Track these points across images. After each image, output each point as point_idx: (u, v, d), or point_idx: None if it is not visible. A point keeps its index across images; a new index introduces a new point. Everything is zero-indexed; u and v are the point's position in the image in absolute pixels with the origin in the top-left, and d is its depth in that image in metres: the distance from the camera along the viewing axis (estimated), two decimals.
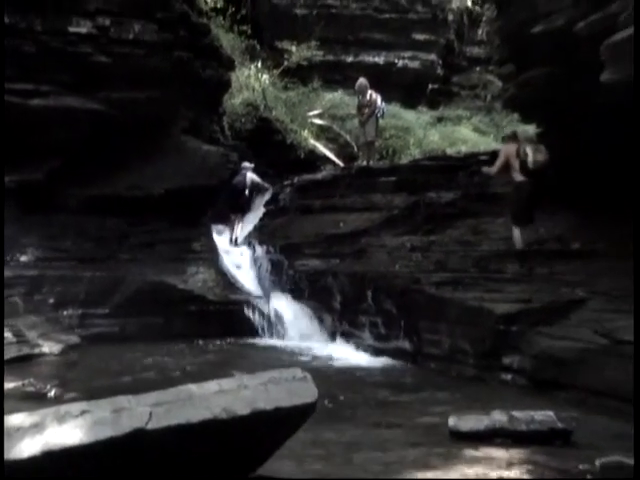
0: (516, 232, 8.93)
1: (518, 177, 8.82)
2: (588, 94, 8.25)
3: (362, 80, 14.05)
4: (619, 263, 8.56)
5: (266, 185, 14.14)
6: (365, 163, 13.89)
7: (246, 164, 13.65)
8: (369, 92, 13.80)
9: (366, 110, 13.78)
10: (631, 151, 8.78)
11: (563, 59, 8.46)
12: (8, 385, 6.43)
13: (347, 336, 9.50)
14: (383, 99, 14.06)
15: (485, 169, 9.63)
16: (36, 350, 8.28)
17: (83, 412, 2.92)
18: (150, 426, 2.89)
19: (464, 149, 15.69)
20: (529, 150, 8.75)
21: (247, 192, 13.58)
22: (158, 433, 2.89)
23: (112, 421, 2.88)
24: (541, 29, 8.29)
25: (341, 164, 15.53)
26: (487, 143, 16.63)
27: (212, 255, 11.42)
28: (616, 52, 6.85)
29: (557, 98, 9.07)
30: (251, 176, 13.60)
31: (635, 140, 6.80)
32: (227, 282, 10.94)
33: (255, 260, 11.81)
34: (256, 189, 13.94)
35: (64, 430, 2.83)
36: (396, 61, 19.49)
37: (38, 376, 6.86)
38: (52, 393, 6.30)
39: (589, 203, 9.36)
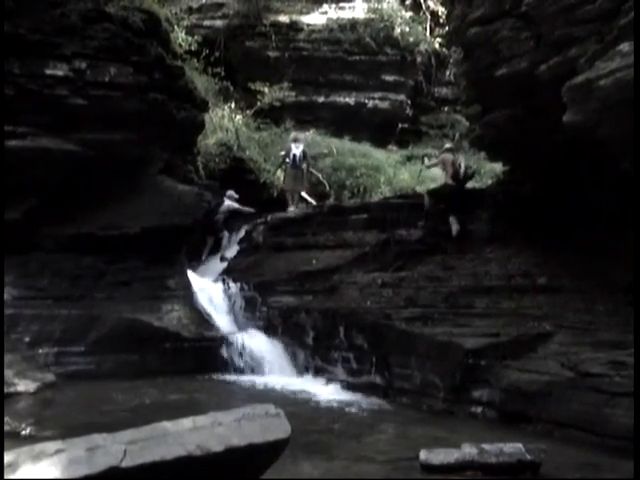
0: (452, 219, 11.16)
1: (449, 180, 11.53)
2: (549, 133, 8.54)
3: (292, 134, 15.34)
4: (583, 297, 8.83)
5: (248, 209, 14.43)
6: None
7: (231, 193, 14.25)
8: (288, 144, 14.87)
9: None
10: (593, 186, 9.11)
11: (525, 100, 8.72)
12: None
13: (320, 371, 9.49)
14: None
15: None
16: (11, 389, 8.16)
17: (58, 451, 2.93)
18: (124, 464, 2.91)
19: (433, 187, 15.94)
20: (462, 163, 11.52)
21: (222, 217, 14.00)
22: (133, 471, 2.92)
23: (87, 459, 2.90)
24: (504, 72, 8.52)
25: (313, 202, 15.75)
26: None
27: (187, 293, 11.40)
28: (577, 94, 7.08)
29: (520, 138, 9.34)
30: (229, 203, 14.08)
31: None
32: (201, 319, 10.91)
33: (229, 297, 11.82)
34: (235, 214, 14.31)
35: (39, 469, 2.84)
36: (366, 102, 19.83)
37: (13, 415, 6.72)
38: (27, 432, 6.21)
39: (554, 239, 9.63)
